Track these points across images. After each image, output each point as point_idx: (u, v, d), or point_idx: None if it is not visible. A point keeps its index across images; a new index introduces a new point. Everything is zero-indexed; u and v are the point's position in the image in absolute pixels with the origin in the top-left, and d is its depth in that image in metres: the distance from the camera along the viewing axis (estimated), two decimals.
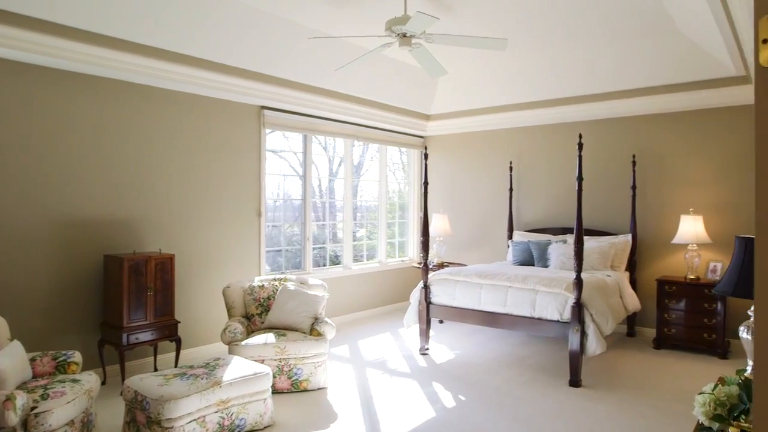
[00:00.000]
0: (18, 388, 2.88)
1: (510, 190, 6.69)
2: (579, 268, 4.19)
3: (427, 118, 7.30)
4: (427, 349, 5.14)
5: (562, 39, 5.13)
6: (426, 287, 5.11)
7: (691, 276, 5.18)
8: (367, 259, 7.18)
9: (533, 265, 5.85)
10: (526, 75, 6.08)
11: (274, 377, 3.94)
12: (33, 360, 3.19)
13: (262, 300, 4.43)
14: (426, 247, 5.17)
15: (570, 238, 5.76)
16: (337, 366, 4.73)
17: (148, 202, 4.65)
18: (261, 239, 5.58)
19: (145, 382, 3.10)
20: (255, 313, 4.39)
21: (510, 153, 6.86)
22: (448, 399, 3.96)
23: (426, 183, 5.21)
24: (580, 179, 4.26)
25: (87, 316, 4.29)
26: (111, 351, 4.23)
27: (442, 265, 6.61)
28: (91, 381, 3.11)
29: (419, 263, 6.89)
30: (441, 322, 6.31)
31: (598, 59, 5.51)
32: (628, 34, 4.93)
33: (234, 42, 4.61)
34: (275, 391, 3.95)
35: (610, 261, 5.53)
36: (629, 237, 5.69)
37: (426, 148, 5.64)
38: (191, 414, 2.98)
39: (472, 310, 4.81)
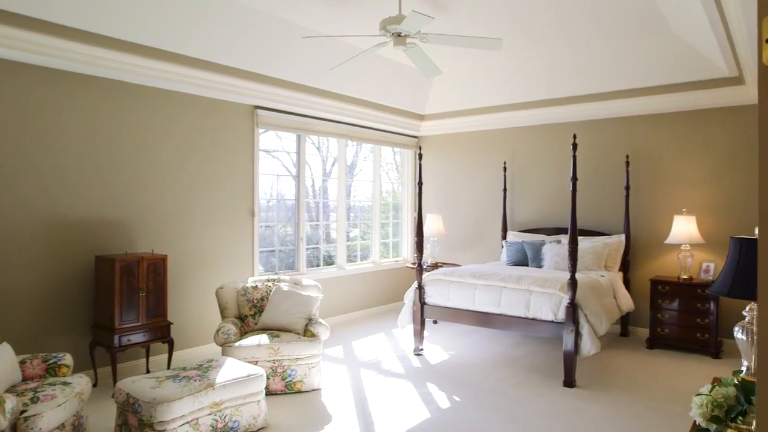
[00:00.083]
0: (7, 391, 2.84)
1: (504, 190, 6.70)
2: (573, 268, 4.20)
3: (422, 118, 7.29)
4: (422, 350, 5.14)
5: (556, 39, 5.14)
6: (420, 288, 5.10)
7: (684, 276, 5.21)
8: (361, 260, 7.16)
9: (527, 266, 5.85)
10: (520, 75, 6.08)
11: (267, 379, 3.92)
12: (23, 362, 3.14)
13: (255, 301, 4.39)
14: (420, 248, 5.16)
15: (564, 238, 5.77)
16: (331, 367, 4.71)
17: (140, 202, 4.60)
18: (254, 239, 5.55)
19: (138, 384, 3.06)
20: (248, 314, 4.36)
21: (504, 153, 6.87)
22: (442, 400, 3.95)
23: (420, 183, 5.20)
24: (574, 179, 4.27)
25: (78, 317, 4.24)
26: (102, 353, 4.18)
27: (436, 266, 6.60)
28: (82, 383, 3.08)
29: (413, 263, 6.87)
30: (435, 322, 6.30)
31: (592, 60, 5.52)
32: (621, 34, 4.94)
33: (227, 41, 4.58)
34: (269, 393, 3.93)
35: (603, 261, 5.55)
36: (623, 237, 5.70)
37: (420, 148, 5.63)
38: (184, 416, 2.95)
39: (466, 310, 4.81)
